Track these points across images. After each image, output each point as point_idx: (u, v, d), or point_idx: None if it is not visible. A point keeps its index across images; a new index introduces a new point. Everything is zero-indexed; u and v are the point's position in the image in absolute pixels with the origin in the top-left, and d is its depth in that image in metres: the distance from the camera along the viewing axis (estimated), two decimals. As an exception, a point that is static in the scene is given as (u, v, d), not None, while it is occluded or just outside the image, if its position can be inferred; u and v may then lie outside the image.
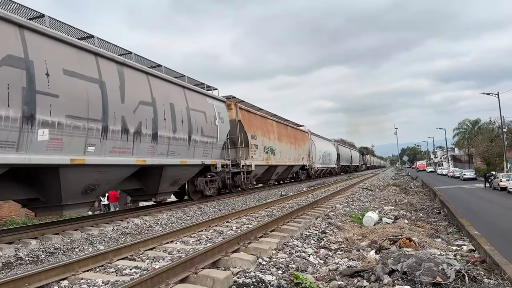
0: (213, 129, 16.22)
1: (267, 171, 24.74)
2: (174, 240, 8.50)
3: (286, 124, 29.78)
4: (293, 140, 29.62)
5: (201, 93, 16.15)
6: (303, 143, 32.98)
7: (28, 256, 7.73)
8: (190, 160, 14.46)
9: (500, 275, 5.94)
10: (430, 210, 15.79)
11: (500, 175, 34.43)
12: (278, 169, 26.55)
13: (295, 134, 30.87)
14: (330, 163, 45.96)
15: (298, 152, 30.99)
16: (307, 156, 34.35)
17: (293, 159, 29.33)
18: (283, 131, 27.70)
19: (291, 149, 28.74)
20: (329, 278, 6.04)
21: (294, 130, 31.55)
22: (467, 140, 75.79)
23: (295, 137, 30.57)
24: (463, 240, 9.63)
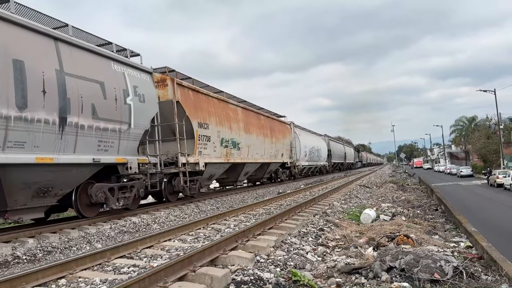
0: (120, 110, 11.32)
1: (231, 170, 20.09)
2: (172, 238, 8.49)
3: (258, 112, 24.24)
4: (268, 133, 24.47)
5: (98, 54, 11.04)
6: (283, 136, 27.93)
7: (25, 255, 7.71)
8: (64, 156, 9.49)
9: (498, 272, 5.97)
10: (428, 207, 15.84)
11: (497, 172, 34.57)
12: (247, 168, 21.52)
13: (271, 125, 25.70)
14: (320, 160, 41.36)
15: (276, 147, 25.97)
16: (289, 152, 29.45)
17: (268, 155, 24.27)
18: (253, 121, 22.31)
19: (265, 143, 23.65)
20: (327, 276, 6.04)
21: (271, 121, 26.10)
22: (464, 137, 76.06)
23: (272, 129, 25.41)
24: (461, 237, 9.67)
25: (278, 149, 26.60)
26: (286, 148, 28.52)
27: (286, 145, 28.82)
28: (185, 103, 15.05)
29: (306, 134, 37.44)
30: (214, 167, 17.33)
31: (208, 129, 16.50)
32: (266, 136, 24.11)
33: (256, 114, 23.58)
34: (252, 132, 21.56)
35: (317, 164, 40.02)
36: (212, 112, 17.23)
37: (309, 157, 35.97)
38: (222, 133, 17.75)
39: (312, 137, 39.86)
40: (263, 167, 24.43)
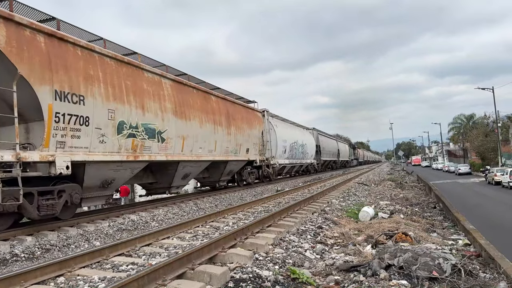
0: None
1: (157, 173, 14.65)
2: (171, 236, 8.49)
3: (207, 91, 17.33)
4: (223, 120, 18.02)
5: None
6: (250, 127, 21.46)
7: (23, 253, 7.70)
8: None
9: (496, 269, 5.98)
10: (426, 205, 15.86)
11: (494, 170, 34.64)
12: (186, 169, 15.26)
13: (230, 111, 19.08)
14: (305, 158, 34.78)
15: (238, 140, 19.55)
16: (259, 147, 22.98)
17: (223, 151, 17.87)
18: (196, 102, 15.67)
19: (217, 135, 17.23)
20: (325, 273, 6.05)
21: (229, 105, 19.40)
22: (462, 135, 76.22)
23: (230, 116, 18.95)
24: (459, 234, 9.68)
25: (241, 143, 20.05)
26: (254, 142, 21.99)
27: (255, 138, 22.23)
28: (19, 54, 8.43)
29: (286, 126, 30.93)
30: (104, 169, 10.99)
31: (84, 105, 10.00)
32: (220, 125, 17.44)
33: (203, 93, 16.67)
34: (191, 117, 14.93)
35: (301, 162, 33.82)
36: (98, 78, 10.61)
37: (290, 154, 29.68)
38: (121, 113, 11.31)
39: (294, 130, 33.02)
40: (218, 166, 18.68)
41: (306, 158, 35.33)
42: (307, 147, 35.06)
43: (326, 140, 47.50)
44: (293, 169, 33.34)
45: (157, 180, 14.82)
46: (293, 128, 33.53)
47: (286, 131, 29.63)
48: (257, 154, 22.74)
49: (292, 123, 34.54)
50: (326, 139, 47.57)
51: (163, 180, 14.87)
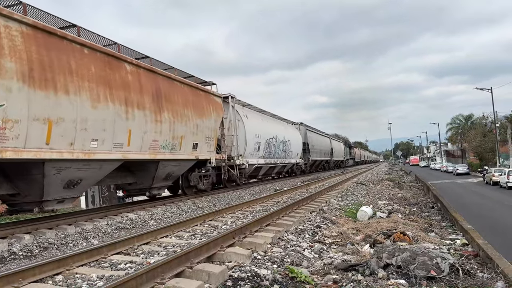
0: None
1: None
2: (169, 234, 8.49)
3: (115, 55, 11.46)
4: (147, 101, 12.38)
5: None
6: (200, 114, 15.72)
7: (21, 251, 7.69)
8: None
9: (494, 269, 6.00)
10: (424, 205, 15.89)
11: (492, 170, 34.72)
12: (63, 173, 9.56)
13: (161, 89, 13.29)
14: (289, 157, 29.75)
15: (176, 131, 13.78)
16: (215, 142, 17.34)
17: (147, 146, 12.38)
18: (91, 68, 10.26)
19: (133, 122, 11.67)
20: (324, 272, 6.06)
21: (163, 81, 13.67)
22: (460, 135, 76.37)
23: (162, 97, 13.19)
24: (457, 234, 9.70)
25: (183, 135, 14.38)
26: (208, 136, 16.37)
27: (209, 130, 16.51)
28: None
29: (261, 118, 25.79)
30: None
31: None
32: (140, 108, 11.87)
33: (105, 57, 10.89)
34: (71, 90, 9.46)
35: (283, 162, 28.62)
36: None
37: (266, 152, 24.54)
38: None
39: (273, 124, 27.54)
40: (146, 169, 13.16)
41: (290, 157, 30.30)
42: (290, 144, 29.71)
43: (317, 137, 42.01)
44: (273, 170, 28.00)
45: None
46: (272, 122, 27.90)
47: (261, 124, 24.61)
48: (212, 152, 17.12)
49: (272, 115, 29.32)
50: (316, 136, 42.02)
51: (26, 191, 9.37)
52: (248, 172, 22.25)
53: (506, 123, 49.85)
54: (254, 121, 23.41)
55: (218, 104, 18.08)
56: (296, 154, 32.21)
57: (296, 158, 32.31)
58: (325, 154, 45.65)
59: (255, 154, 22.87)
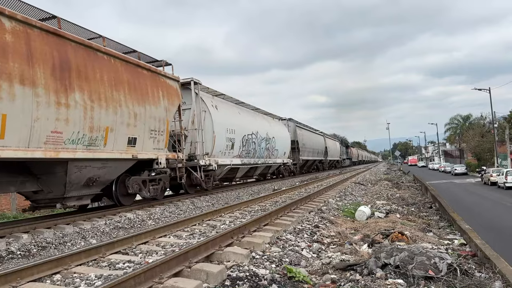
0: None
1: None
2: (167, 234, 8.49)
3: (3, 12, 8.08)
4: (42, 76, 8.85)
5: None
6: (141, 100, 12.33)
7: (19, 250, 7.68)
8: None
9: (491, 269, 6.01)
10: (422, 205, 15.92)
11: (490, 170, 34.80)
12: None
13: (70, 61, 9.67)
14: (274, 157, 26.12)
15: (96, 119, 10.36)
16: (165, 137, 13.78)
17: (41, 140, 8.86)
18: None
19: (12, 104, 8.11)
20: (322, 272, 6.07)
21: (73, 50, 9.96)
22: (459, 135, 76.53)
23: (72, 71, 9.66)
24: (455, 234, 9.73)
25: (111, 126, 10.97)
26: (152, 129, 12.90)
27: (156, 121, 13.10)
28: None
29: (237, 110, 21.84)
30: None
31: None
32: (30, 85, 8.58)
33: None
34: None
35: (267, 162, 24.95)
36: None
37: (243, 150, 20.88)
38: None
39: (252, 118, 23.73)
40: (47, 171, 9.82)
41: (276, 156, 26.62)
42: (276, 142, 26.04)
43: (309, 135, 37.94)
44: (255, 171, 24.11)
45: None
46: (252, 116, 23.90)
47: (236, 118, 20.62)
48: (162, 149, 13.56)
49: (254, 108, 25.29)
50: (308, 133, 37.99)
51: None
52: (219, 175, 18.75)
53: (504, 123, 50.01)
54: (227, 113, 19.43)
55: (173, 89, 14.19)
56: (283, 153, 28.50)
57: (284, 158, 28.54)
58: (318, 154, 41.90)
59: (228, 153, 19.11)
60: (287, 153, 29.66)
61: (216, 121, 17.70)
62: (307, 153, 36.44)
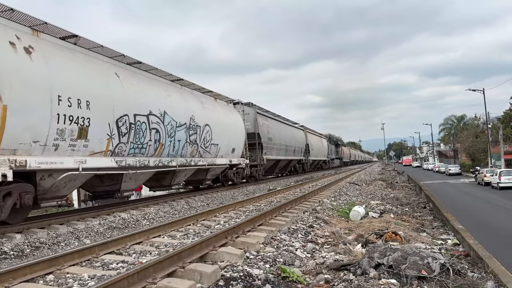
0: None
1: None
2: (162, 234, 8.47)
3: None
4: None
5: None
6: None
7: (12, 251, 7.62)
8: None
9: (484, 269, 6.06)
10: (416, 205, 15.99)
11: (484, 171, 34.99)
12: None
13: None
14: (210, 155, 17.63)
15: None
16: None
17: None
18: None
19: None
20: (316, 272, 6.08)
21: None
22: (453, 136, 76.92)
23: None
24: (448, 234, 9.78)
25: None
26: None
27: None
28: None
29: (110, 70, 11.92)
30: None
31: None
32: None
33: None
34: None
35: (194, 163, 16.08)
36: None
37: (125, 142, 11.70)
38: None
39: (155, 89, 14.06)
40: None
41: (216, 155, 18.19)
42: (213, 133, 17.57)
43: (278, 127, 29.07)
44: (172, 178, 15.21)
45: None
46: (156, 86, 14.25)
47: (107, 79, 11.42)
48: None
49: (177, 79, 16.08)
50: (277, 125, 29.29)
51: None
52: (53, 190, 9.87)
53: (498, 124, 50.30)
54: (71, 68, 10.15)
55: None
56: (231, 151, 19.82)
57: (232, 157, 19.94)
58: (295, 152, 33.59)
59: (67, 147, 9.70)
60: (240, 151, 20.99)
61: (39, 76, 8.92)
62: (276, 151, 28.00)
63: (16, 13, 8.96)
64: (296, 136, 34.95)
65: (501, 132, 45.58)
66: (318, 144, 45.35)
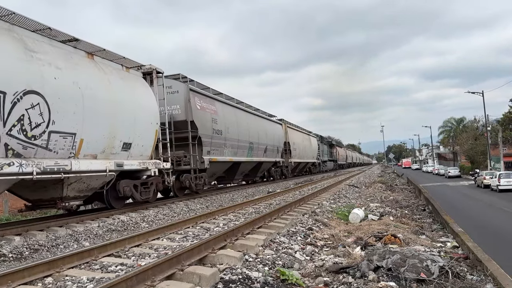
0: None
1: None
2: (161, 237, 8.46)
3: None
4: None
5: None
6: None
7: (11, 253, 7.62)
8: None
9: (483, 272, 6.05)
10: (415, 207, 15.97)
11: (483, 173, 34.99)
12: None
13: None
14: (47, 154, 9.06)
15: None
16: None
17: None
18: None
19: None
20: (315, 275, 6.08)
21: None
22: (452, 138, 76.93)
23: None
24: (447, 237, 9.77)
25: None
26: None
27: None
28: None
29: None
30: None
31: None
32: None
33: None
34: None
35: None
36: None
37: None
38: None
39: None
40: None
41: (69, 151, 9.78)
42: (55, 112, 9.21)
43: (234, 115, 21.02)
44: None
45: None
46: None
47: None
48: None
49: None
50: (233, 112, 21.16)
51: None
52: None
53: (497, 126, 50.33)
54: None
55: None
56: (122, 147, 11.86)
57: (126, 159, 12.01)
58: (267, 152, 25.51)
59: None
60: (144, 149, 12.87)
61: None
62: (232, 149, 20.20)
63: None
64: (270, 130, 26.53)
65: (500, 135, 45.61)
66: (304, 143, 37.51)
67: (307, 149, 38.93)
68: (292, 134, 33.18)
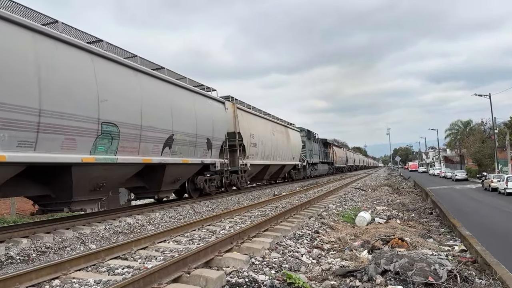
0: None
1: None
2: (167, 239, 8.46)
3: None
4: None
5: None
6: None
7: (19, 255, 7.66)
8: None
9: (492, 276, 5.99)
10: (422, 211, 15.89)
11: (491, 176, 34.74)
12: None
13: None
14: None
15: None
16: None
17: None
18: None
19: None
20: (322, 278, 6.05)
21: None
22: (459, 141, 76.46)
23: None
24: (455, 240, 9.71)
25: None
26: None
27: None
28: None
29: None
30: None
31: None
32: None
33: None
34: None
35: None
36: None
37: None
38: None
39: None
40: None
41: None
42: None
43: (157, 88, 13.03)
44: None
45: None
46: None
47: None
48: None
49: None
50: (158, 85, 13.18)
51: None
52: None
53: (504, 129, 49.98)
54: None
55: None
56: None
57: None
58: (173, 147, 13.94)
59: None
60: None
61: None
62: (126, 146, 11.44)
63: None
64: (188, 109, 15.21)
65: (507, 137, 45.25)
66: (277, 137, 26.88)
67: (283, 147, 28.10)
68: (250, 121, 22.75)
